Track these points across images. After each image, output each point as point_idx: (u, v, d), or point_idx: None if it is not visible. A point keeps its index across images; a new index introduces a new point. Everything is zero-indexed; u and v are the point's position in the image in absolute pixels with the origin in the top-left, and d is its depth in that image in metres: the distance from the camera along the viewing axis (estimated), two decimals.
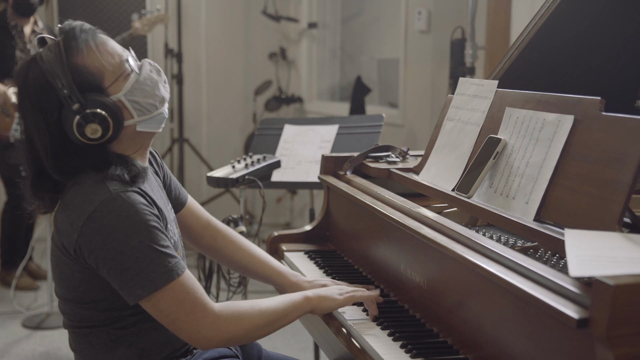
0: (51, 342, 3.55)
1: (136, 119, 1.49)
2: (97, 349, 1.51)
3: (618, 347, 1.02)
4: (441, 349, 1.44)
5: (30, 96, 1.46)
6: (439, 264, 1.49)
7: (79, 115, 1.42)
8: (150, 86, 1.51)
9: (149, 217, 1.41)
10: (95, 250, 1.39)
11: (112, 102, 1.46)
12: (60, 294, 1.53)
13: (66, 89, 1.43)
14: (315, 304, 1.58)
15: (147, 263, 1.39)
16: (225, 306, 1.47)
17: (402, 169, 1.97)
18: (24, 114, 1.48)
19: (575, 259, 1.10)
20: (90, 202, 1.40)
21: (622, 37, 1.88)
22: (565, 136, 1.42)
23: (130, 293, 1.40)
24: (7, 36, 4.10)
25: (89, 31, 1.49)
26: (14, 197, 4.22)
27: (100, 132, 1.44)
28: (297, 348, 3.47)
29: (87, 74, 1.45)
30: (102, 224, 1.39)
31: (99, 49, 1.48)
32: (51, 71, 1.44)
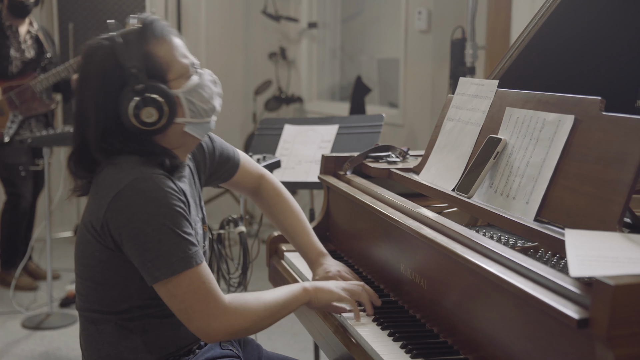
0: (51, 342, 3.55)
1: (188, 118, 1.54)
2: (103, 337, 1.54)
3: (618, 347, 1.02)
4: (441, 349, 1.44)
5: (95, 70, 1.50)
6: (439, 264, 1.49)
7: (140, 96, 1.47)
8: (207, 93, 1.56)
9: (176, 202, 1.44)
10: (120, 228, 1.43)
11: (172, 94, 1.51)
12: (78, 271, 1.56)
13: (135, 68, 1.47)
14: (313, 295, 1.61)
15: (168, 246, 1.41)
16: (234, 298, 1.49)
17: (402, 169, 1.97)
18: (83, 88, 1.52)
19: (576, 259, 1.10)
20: (119, 181, 1.44)
21: (622, 37, 1.88)
22: (566, 136, 1.42)
23: (148, 274, 1.43)
24: (2, 36, 4.11)
25: (167, 27, 1.56)
26: (13, 196, 4.22)
27: (154, 118, 1.48)
28: (297, 348, 3.47)
29: (155, 62, 1.50)
30: (129, 203, 1.42)
31: (172, 45, 1.54)
32: (123, 50, 1.48)
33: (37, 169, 4.21)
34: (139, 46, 1.49)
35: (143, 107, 1.47)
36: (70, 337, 3.60)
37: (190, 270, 1.43)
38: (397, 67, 4.48)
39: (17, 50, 4.13)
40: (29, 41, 4.21)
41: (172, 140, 1.55)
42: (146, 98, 1.47)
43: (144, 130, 1.49)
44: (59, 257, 4.70)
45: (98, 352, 1.55)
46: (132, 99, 1.47)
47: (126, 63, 1.47)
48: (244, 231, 2.39)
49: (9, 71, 4.12)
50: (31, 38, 4.22)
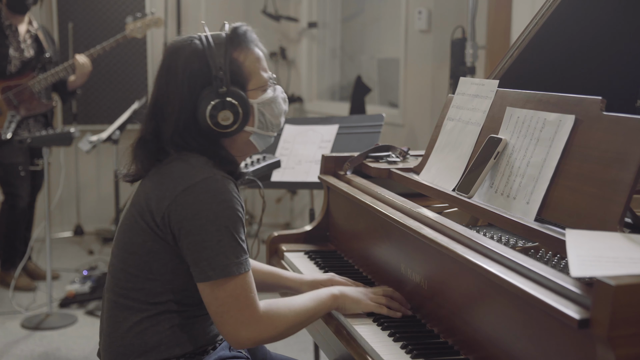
0: (50, 342, 3.54)
1: (255, 129, 1.60)
2: (129, 325, 1.55)
3: (619, 347, 1.02)
4: (442, 349, 1.44)
5: (183, 67, 1.55)
6: (439, 264, 1.49)
7: (220, 99, 1.52)
8: (277, 109, 1.64)
9: (240, 209, 1.49)
10: (183, 221, 1.46)
11: (249, 103, 1.57)
12: (122, 258, 1.57)
13: (221, 71, 1.53)
14: (341, 303, 1.63)
15: (226, 249, 1.45)
16: (268, 307, 1.51)
17: (402, 169, 1.97)
18: (167, 81, 1.56)
19: (577, 259, 1.10)
20: (191, 176, 1.48)
21: (623, 37, 1.87)
22: (566, 136, 1.42)
23: (200, 271, 1.46)
24: (1, 35, 4.10)
25: (256, 40, 1.62)
26: (10, 196, 4.21)
27: (229, 122, 1.54)
28: (297, 349, 3.47)
29: (240, 70, 1.57)
30: (198, 199, 1.46)
31: (257, 57, 1.60)
32: (213, 53, 1.54)
33: (37, 169, 4.20)
34: (227, 52, 1.55)
35: (221, 109, 1.52)
36: (70, 338, 3.59)
37: (239, 276, 1.46)
38: (397, 67, 4.48)
39: (16, 50, 4.12)
40: (29, 40, 4.20)
41: (236, 146, 1.61)
42: (226, 102, 1.53)
43: (216, 131, 1.54)
44: (58, 257, 4.70)
45: (121, 340, 1.56)
46: (212, 99, 1.52)
47: (214, 65, 1.53)
48: None
49: (7, 71, 4.11)
50: (31, 37, 4.21)
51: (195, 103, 1.54)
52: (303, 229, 2.20)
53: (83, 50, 4.57)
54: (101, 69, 5.11)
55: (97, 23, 5.29)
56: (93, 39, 5.18)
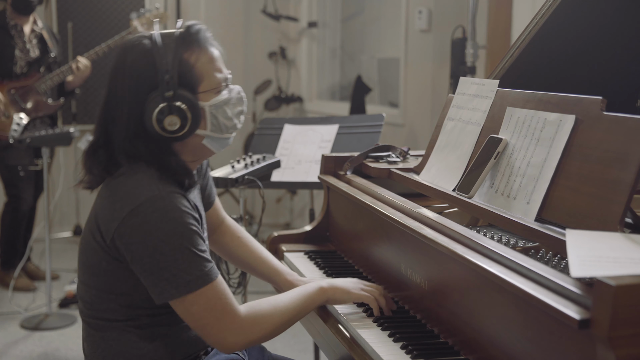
0: (49, 343, 3.54)
1: (208, 132, 1.54)
2: (108, 344, 1.52)
3: (619, 347, 1.02)
4: (442, 350, 1.43)
5: (131, 67, 1.49)
6: (439, 264, 1.49)
7: (167, 102, 1.46)
8: (232, 111, 1.57)
9: (192, 222, 1.43)
10: (134, 244, 1.41)
11: (198, 106, 1.50)
12: (83, 279, 1.55)
13: (168, 74, 1.47)
14: (330, 295, 1.61)
15: (185, 265, 1.41)
16: (250, 309, 1.49)
17: (402, 169, 1.96)
18: (114, 83, 1.51)
19: (577, 260, 1.10)
20: (137, 196, 1.42)
21: (623, 37, 1.87)
22: (567, 136, 1.41)
23: (161, 291, 1.42)
24: (7, 36, 4.09)
25: (210, 39, 1.55)
26: (14, 198, 4.21)
27: (176, 127, 1.48)
28: (297, 349, 3.47)
29: (189, 72, 1.50)
30: (146, 220, 1.40)
31: (211, 57, 1.53)
32: (161, 53, 1.47)
33: (36, 169, 4.19)
34: (177, 52, 1.48)
35: (168, 114, 1.47)
36: (69, 338, 3.59)
37: (207, 287, 1.43)
38: (397, 67, 4.48)
39: (21, 50, 4.11)
40: (34, 40, 4.18)
41: (189, 150, 1.55)
42: (172, 106, 1.47)
43: (164, 136, 1.49)
44: (58, 258, 4.70)
45: (103, 359, 1.54)
46: (158, 104, 1.47)
47: (161, 67, 1.47)
48: None
49: (13, 72, 4.09)
50: (36, 37, 4.20)
51: (143, 107, 1.48)
52: (303, 229, 2.19)
53: (82, 49, 4.57)
54: (100, 68, 5.10)
55: (97, 23, 5.29)
56: (92, 39, 5.18)
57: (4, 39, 4.09)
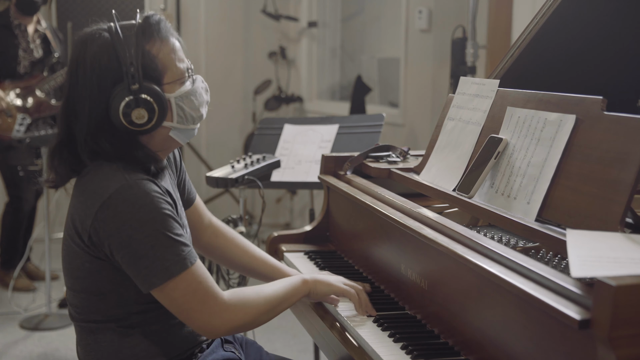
0: (49, 343, 3.54)
1: (174, 123, 1.52)
2: (101, 346, 1.52)
3: (620, 348, 1.01)
4: (442, 350, 1.43)
5: (91, 62, 1.46)
6: (439, 264, 1.49)
7: (133, 96, 1.44)
8: (197, 100, 1.55)
9: (164, 206, 1.42)
10: (110, 237, 1.40)
11: (164, 97, 1.48)
12: (69, 284, 1.53)
13: (133, 67, 1.44)
14: (312, 287, 1.62)
15: (162, 251, 1.40)
16: (233, 294, 1.49)
17: (402, 169, 1.96)
18: (77, 78, 1.47)
19: (577, 260, 1.10)
20: (104, 189, 1.41)
21: (624, 36, 1.87)
22: (567, 136, 1.41)
23: (144, 281, 1.41)
24: (10, 35, 4.08)
25: (170, 29, 1.54)
26: (15, 198, 4.20)
27: (144, 120, 1.46)
28: (296, 349, 3.46)
29: (153, 64, 1.47)
30: (117, 212, 1.39)
31: (172, 48, 1.51)
32: (123, 46, 1.45)
33: (36, 169, 4.19)
34: (139, 44, 1.46)
35: (135, 107, 1.44)
36: (69, 338, 3.59)
37: (186, 271, 1.42)
38: (397, 67, 4.48)
39: (25, 50, 4.10)
40: (37, 40, 4.17)
41: (156, 142, 1.53)
42: (139, 99, 1.44)
43: (131, 130, 1.47)
44: (57, 258, 4.65)
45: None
46: (124, 97, 1.44)
47: (124, 59, 1.44)
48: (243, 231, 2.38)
49: (16, 72, 4.08)
50: (39, 37, 4.19)
51: (107, 101, 1.45)
52: (303, 229, 2.19)
53: None
54: None
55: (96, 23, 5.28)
56: None
57: (7, 38, 4.08)
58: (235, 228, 2.41)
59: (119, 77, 1.45)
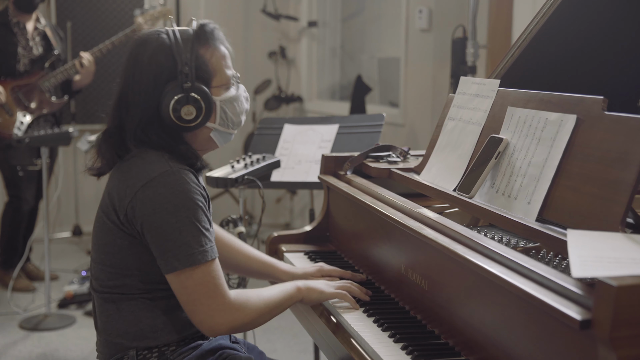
0: (48, 343, 3.53)
1: (217, 125, 1.63)
2: (122, 315, 1.58)
3: (621, 348, 1.01)
4: (442, 350, 1.43)
5: (149, 59, 1.57)
6: (440, 264, 1.48)
7: (184, 93, 1.55)
8: (239, 107, 1.67)
9: (198, 197, 1.51)
10: (144, 217, 1.49)
11: (212, 99, 1.60)
12: (98, 259, 1.60)
13: (187, 67, 1.56)
14: (305, 294, 1.67)
15: (189, 238, 1.48)
16: (238, 295, 1.55)
17: (402, 169, 1.96)
18: (133, 73, 1.58)
19: (578, 260, 1.09)
20: (148, 172, 1.51)
21: (624, 36, 1.87)
22: (568, 136, 1.41)
23: (167, 263, 1.49)
24: (9, 34, 4.07)
25: (222, 38, 1.65)
26: (15, 198, 4.20)
27: (191, 117, 1.57)
28: (296, 350, 3.46)
29: (204, 66, 1.59)
30: (157, 193, 1.49)
31: (223, 55, 1.63)
32: (179, 47, 1.56)
33: (35, 169, 4.19)
34: (193, 47, 1.57)
35: (185, 104, 1.55)
36: (68, 339, 3.58)
37: (205, 264, 1.49)
38: (397, 66, 4.47)
39: (24, 48, 4.10)
40: (37, 38, 4.17)
41: (197, 140, 1.63)
42: (189, 97, 1.55)
43: (178, 125, 1.56)
44: (57, 258, 4.69)
45: (117, 330, 1.58)
46: (176, 94, 1.55)
47: (180, 60, 1.55)
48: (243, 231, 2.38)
49: (16, 70, 4.08)
50: (39, 35, 4.18)
51: (159, 97, 1.56)
52: (303, 229, 2.19)
53: (82, 48, 4.56)
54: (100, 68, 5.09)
55: (96, 22, 5.28)
56: (92, 38, 5.17)
57: (6, 36, 4.07)
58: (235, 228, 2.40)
59: (173, 75, 1.56)
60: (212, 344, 1.63)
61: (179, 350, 1.58)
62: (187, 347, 1.59)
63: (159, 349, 1.57)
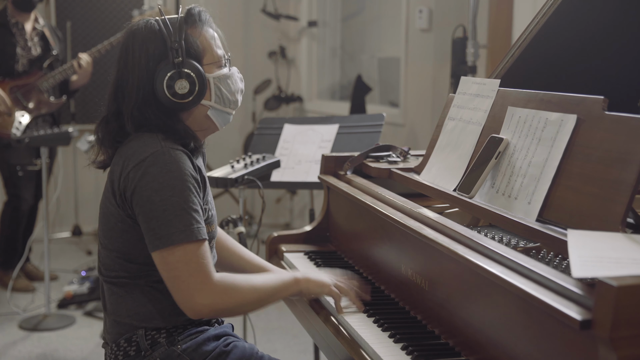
0: (48, 344, 3.53)
1: (212, 103, 1.64)
2: (132, 297, 1.59)
3: (621, 348, 1.01)
4: (443, 350, 1.43)
5: (140, 46, 1.59)
6: (440, 265, 1.48)
7: (176, 69, 1.57)
8: (233, 85, 1.68)
9: (188, 178, 1.52)
10: (134, 195, 1.51)
11: (204, 74, 1.61)
12: (104, 243, 1.62)
13: (177, 43, 1.58)
14: (304, 286, 1.66)
15: (171, 217, 1.48)
16: (223, 277, 1.53)
17: (403, 169, 1.96)
18: (126, 62, 1.60)
19: (578, 260, 1.09)
20: (141, 153, 1.53)
21: (625, 36, 1.86)
22: (568, 136, 1.41)
23: (149, 241, 1.51)
24: (8, 34, 4.07)
25: (210, 20, 1.68)
26: (14, 197, 4.20)
27: (185, 90, 1.58)
28: (296, 350, 3.46)
29: (194, 44, 1.62)
30: (145, 172, 1.50)
31: (212, 35, 1.66)
32: (168, 29, 1.59)
33: (35, 169, 4.18)
34: (181, 28, 1.60)
35: (178, 79, 1.57)
36: (68, 339, 3.58)
37: (188, 243, 1.48)
38: (397, 66, 4.47)
39: (23, 48, 4.10)
40: (35, 38, 4.16)
41: (195, 120, 1.64)
42: (182, 72, 1.57)
43: (174, 102, 1.58)
44: (56, 258, 4.69)
45: (127, 311, 1.60)
46: (169, 70, 1.57)
47: (169, 40, 1.58)
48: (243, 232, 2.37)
49: (15, 70, 4.07)
50: (37, 35, 4.18)
51: (153, 77, 1.58)
52: (303, 229, 2.19)
53: (81, 48, 4.55)
54: (99, 68, 5.09)
55: (96, 22, 5.27)
56: (91, 38, 5.17)
57: (5, 36, 4.07)
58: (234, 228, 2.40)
59: (165, 55, 1.59)
60: (218, 330, 1.64)
61: (186, 332, 1.59)
62: (194, 330, 1.61)
63: (167, 330, 1.58)
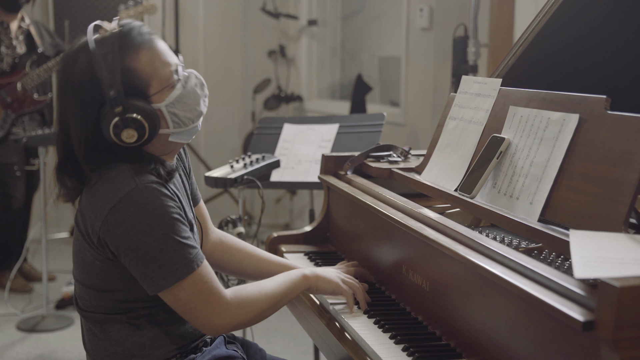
0: (46, 345, 3.52)
1: (171, 129, 1.52)
2: (109, 335, 1.55)
3: (624, 350, 1.01)
4: (444, 352, 1.42)
5: (74, 84, 1.47)
6: (441, 265, 1.47)
7: (119, 117, 1.44)
8: (192, 100, 1.53)
9: (172, 210, 1.44)
10: (119, 241, 1.43)
11: (153, 111, 1.48)
12: (79, 278, 1.56)
13: (113, 89, 1.44)
14: (313, 283, 1.64)
15: (170, 255, 1.43)
16: (236, 293, 1.52)
17: (403, 169, 1.95)
18: (64, 99, 1.49)
19: (581, 260, 1.09)
20: (115, 192, 1.43)
21: (627, 35, 1.86)
22: (570, 135, 1.40)
23: (151, 284, 1.45)
24: None
25: (147, 35, 1.50)
26: (4, 197, 4.18)
27: (135, 138, 1.46)
28: (296, 351, 3.45)
29: (135, 78, 1.47)
30: (127, 215, 1.42)
31: (153, 55, 1.49)
32: (102, 67, 1.44)
33: (32, 169, 4.17)
34: (117, 61, 1.44)
35: (123, 128, 1.45)
36: (66, 340, 3.57)
37: (193, 273, 1.45)
38: (398, 65, 4.46)
39: (8, 47, 4.12)
40: (21, 37, 4.19)
41: (157, 148, 1.53)
42: (125, 119, 1.44)
43: (128, 147, 1.48)
44: (54, 259, 4.67)
45: (105, 351, 1.56)
46: (111, 120, 1.45)
47: (104, 81, 1.43)
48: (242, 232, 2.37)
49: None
50: (22, 34, 4.20)
51: (97, 122, 1.46)
52: (303, 229, 2.18)
53: None
54: None
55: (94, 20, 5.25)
56: None
57: None
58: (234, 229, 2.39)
59: (103, 98, 1.45)
60: (206, 357, 1.60)
61: None
62: None
63: None
